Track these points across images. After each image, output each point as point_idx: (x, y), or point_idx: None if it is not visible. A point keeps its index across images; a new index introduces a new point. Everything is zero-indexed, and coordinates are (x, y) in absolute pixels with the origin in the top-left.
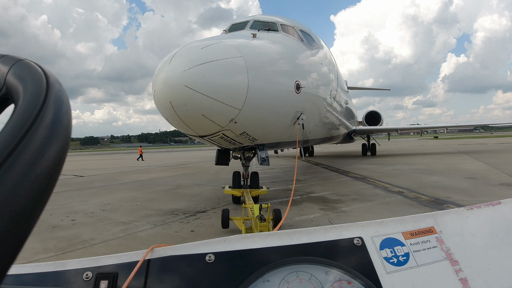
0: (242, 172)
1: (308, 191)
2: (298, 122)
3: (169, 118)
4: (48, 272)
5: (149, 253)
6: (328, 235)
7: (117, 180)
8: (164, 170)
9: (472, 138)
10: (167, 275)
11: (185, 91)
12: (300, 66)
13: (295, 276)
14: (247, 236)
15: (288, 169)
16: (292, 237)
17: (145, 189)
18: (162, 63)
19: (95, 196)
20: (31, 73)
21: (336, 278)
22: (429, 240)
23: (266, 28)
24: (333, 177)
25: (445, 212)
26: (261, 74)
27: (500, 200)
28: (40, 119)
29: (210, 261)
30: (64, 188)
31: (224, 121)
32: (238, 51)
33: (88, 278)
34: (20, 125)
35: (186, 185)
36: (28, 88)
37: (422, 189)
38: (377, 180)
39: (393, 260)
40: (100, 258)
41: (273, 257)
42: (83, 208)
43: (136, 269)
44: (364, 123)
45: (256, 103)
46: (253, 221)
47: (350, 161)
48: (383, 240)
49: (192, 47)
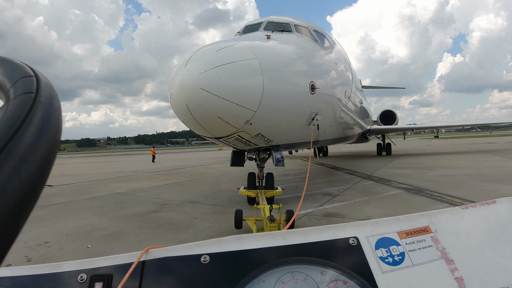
0: (257, 173)
1: (363, 216)
2: (313, 123)
3: (185, 120)
4: (42, 274)
5: (144, 254)
6: (323, 235)
7: (89, 192)
8: (151, 177)
9: (474, 137)
10: (162, 276)
11: (201, 94)
12: (314, 67)
13: (291, 276)
14: (242, 237)
15: (304, 175)
16: (287, 238)
17: (116, 210)
18: (178, 67)
19: (40, 222)
20: (21, 74)
21: (332, 278)
22: (424, 239)
23: (280, 29)
24: (376, 189)
25: (440, 212)
26: (276, 75)
27: (495, 199)
28: (30, 119)
29: (205, 262)
30: None
31: (240, 122)
32: (253, 53)
33: (82, 280)
34: (9, 125)
35: (175, 203)
36: (18, 88)
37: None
38: (443, 194)
39: (388, 259)
40: (95, 260)
41: (268, 258)
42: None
43: (130, 271)
44: (379, 122)
45: (271, 104)
46: (264, 221)
47: (371, 163)
48: (378, 239)
49: (207, 49)
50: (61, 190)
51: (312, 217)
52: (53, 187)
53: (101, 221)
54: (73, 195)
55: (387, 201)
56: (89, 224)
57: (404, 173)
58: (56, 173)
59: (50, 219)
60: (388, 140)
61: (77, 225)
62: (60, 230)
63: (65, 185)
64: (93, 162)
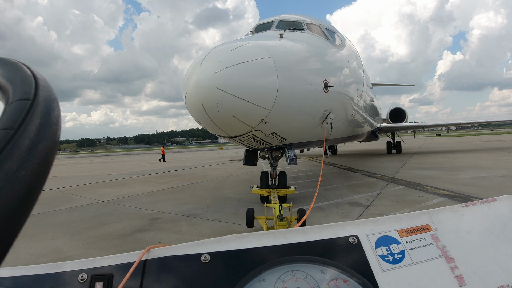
0: (270, 171)
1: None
2: (326, 121)
3: (200, 120)
4: (43, 274)
5: (145, 254)
6: (323, 234)
7: (70, 200)
8: (145, 181)
9: (476, 135)
10: (162, 275)
11: (216, 93)
12: (327, 65)
13: (291, 275)
14: (243, 236)
15: (317, 178)
16: (288, 236)
17: (94, 227)
18: (193, 66)
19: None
20: (20, 74)
21: (332, 276)
22: (424, 237)
23: (292, 27)
24: (412, 196)
25: (441, 210)
26: (290, 74)
27: (495, 197)
28: (29, 120)
29: (206, 261)
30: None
31: (255, 121)
32: (267, 52)
33: (83, 279)
34: (9, 126)
35: (168, 217)
36: (18, 89)
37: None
38: None
39: (388, 258)
40: (96, 260)
41: (268, 257)
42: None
43: (131, 270)
44: (388, 120)
45: (286, 103)
46: (275, 220)
47: (386, 162)
48: (378, 238)
49: (222, 49)
50: (42, 196)
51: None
52: None
53: (71, 245)
54: (51, 204)
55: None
56: (53, 250)
57: (431, 175)
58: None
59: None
60: (398, 138)
61: (38, 251)
62: (12, 259)
63: (49, 190)
64: (89, 163)
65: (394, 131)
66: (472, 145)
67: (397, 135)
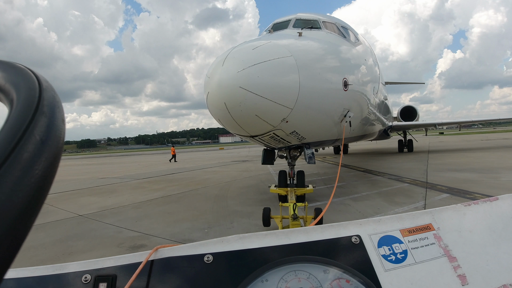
0: (288, 171)
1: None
2: (346, 120)
3: (221, 119)
4: (47, 276)
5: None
6: (325, 234)
7: (42, 214)
8: (137, 186)
9: (479, 133)
10: (165, 276)
11: (240, 92)
12: (346, 63)
13: (294, 275)
14: (245, 236)
15: (333, 182)
16: (290, 237)
17: (51, 260)
18: (215, 65)
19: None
20: (23, 78)
21: (335, 276)
22: (427, 237)
23: (308, 26)
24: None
25: (443, 209)
26: (311, 72)
27: (498, 196)
28: (34, 124)
29: (209, 262)
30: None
31: (277, 120)
32: (288, 51)
33: (87, 280)
34: (14, 130)
35: (156, 242)
36: (22, 93)
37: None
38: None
39: (391, 257)
40: (99, 261)
41: (271, 257)
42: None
43: (137, 272)
44: (399, 118)
45: (307, 101)
46: (290, 219)
47: (404, 163)
48: (381, 237)
49: (243, 48)
50: None
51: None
52: None
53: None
54: None
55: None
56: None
57: (470, 179)
58: None
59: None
60: (409, 136)
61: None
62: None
63: None
64: (85, 165)
65: (405, 130)
66: (483, 143)
67: (408, 133)
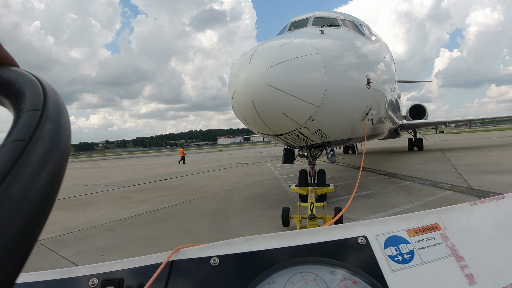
0: (309, 170)
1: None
2: (368, 118)
3: (247, 118)
4: (54, 280)
5: (152, 257)
6: (332, 235)
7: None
8: (121, 197)
9: (481, 132)
10: (171, 279)
11: (268, 90)
12: (368, 61)
13: (300, 277)
14: (251, 238)
15: (357, 190)
16: (296, 238)
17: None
18: (241, 64)
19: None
20: (27, 83)
21: (341, 277)
22: (433, 237)
23: (327, 24)
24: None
25: (449, 208)
26: (336, 70)
27: (504, 194)
28: (40, 130)
29: (215, 265)
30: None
31: (303, 119)
32: (314, 48)
33: (94, 284)
34: (21, 137)
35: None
36: (27, 99)
37: None
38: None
39: (398, 258)
40: (106, 264)
41: (277, 259)
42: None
43: (155, 276)
44: (408, 117)
45: (333, 99)
46: (307, 219)
47: (425, 164)
48: (387, 238)
49: (269, 46)
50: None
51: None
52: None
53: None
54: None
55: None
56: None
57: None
58: None
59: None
60: (419, 135)
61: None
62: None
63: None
64: (76, 169)
65: (416, 128)
66: (491, 141)
67: (418, 132)
